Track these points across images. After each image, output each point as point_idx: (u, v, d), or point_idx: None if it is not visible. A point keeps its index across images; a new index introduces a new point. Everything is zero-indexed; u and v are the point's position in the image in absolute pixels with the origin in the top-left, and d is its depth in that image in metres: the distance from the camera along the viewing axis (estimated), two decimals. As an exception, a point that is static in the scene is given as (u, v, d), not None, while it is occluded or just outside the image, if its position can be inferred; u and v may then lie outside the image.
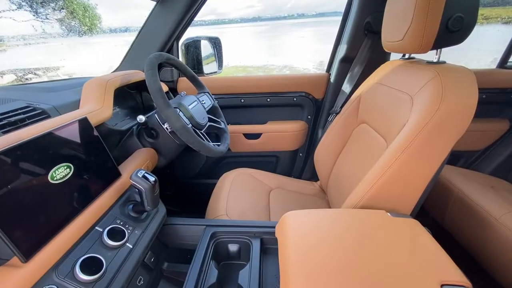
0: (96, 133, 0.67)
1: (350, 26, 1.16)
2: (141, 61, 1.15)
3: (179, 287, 0.61)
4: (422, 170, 0.64)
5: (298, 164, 1.43)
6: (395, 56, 0.91)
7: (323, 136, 1.06)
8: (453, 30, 0.62)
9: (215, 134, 1.11)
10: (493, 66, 1.38)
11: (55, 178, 0.53)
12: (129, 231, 0.62)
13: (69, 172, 0.56)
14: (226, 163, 1.43)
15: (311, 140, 1.39)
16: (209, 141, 0.91)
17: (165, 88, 1.20)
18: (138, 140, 0.90)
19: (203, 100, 1.03)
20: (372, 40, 1.14)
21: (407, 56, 0.85)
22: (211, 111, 1.08)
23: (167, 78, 1.27)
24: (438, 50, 0.69)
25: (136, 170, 0.63)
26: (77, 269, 0.49)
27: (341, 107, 1.03)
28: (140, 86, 1.13)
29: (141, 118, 0.82)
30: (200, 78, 1.11)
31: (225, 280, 0.71)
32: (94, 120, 0.70)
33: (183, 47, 1.25)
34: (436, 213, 1.15)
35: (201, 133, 0.91)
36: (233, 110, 1.33)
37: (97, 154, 0.65)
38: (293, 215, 0.61)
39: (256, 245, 0.71)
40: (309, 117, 1.34)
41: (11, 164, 0.47)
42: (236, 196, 0.99)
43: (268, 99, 1.30)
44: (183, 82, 1.28)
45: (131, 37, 1.21)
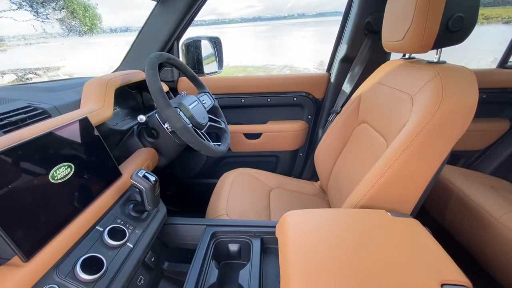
0: (97, 133, 0.67)
1: (351, 26, 1.16)
2: (142, 61, 1.16)
3: (180, 287, 0.61)
4: (423, 170, 0.64)
5: (299, 164, 1.44)
6: (395, 56, 0.91)
7: (323, 136, 1.06)
8: (454, 30, 0.62)
9: (216, 134, 1.11)
10: (494, 66, 1.38)
11: (56, 178, 0.53)
12: (130, 231, 0.62)
13: (70, 172, 0.56)
14: (227, 163, 1.44)
15: (311, 140, 1.39)
16: (210, 141, 0.91)
17: (166, 88, 1.20)
18: (139, 140, 0.90)
19: (204, 100, 1.03)
20: (373, 40, 1.14)
21: (408, 56, 0.85)
22: (212, 111, 1.08)
23: (168, 78, 1.27)
24: (439, 50, 0.69)
25: (137, 170, 0.63)
26: (78, 269, 0.49)
27: (342, 107, 1.03)
28: (141, 86, 1.13)
29: (142, 118, 0.82)
30: (201, 78, 1.11)
31: (226, 280, 0.71)
32: (95, 120, 0.70)
33: (184, 47, 1.25)
34: (437, 213, 1.15)
35: (202, 133, 0.91)
36: (234, 110, 1.33)
37: (98, 154, 0.65)
38: (293, 215, 0.61)
39: (257, 245, 0.71)
40: (310, 117, 1.34)
41: (12, 164, 0.47)
42: (237, 196, 0.99)
43: (269, 99, 1.30)
44: (184, 82, 1.28)
45: (132, 37, 1.21)
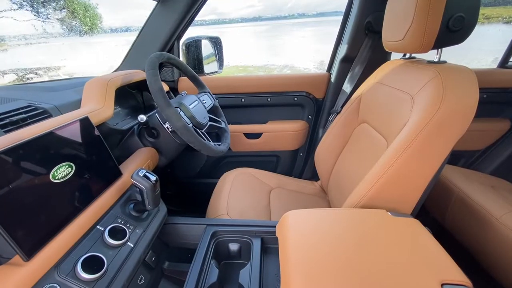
0: (97, 133, 0.67)
1: (351, 26, 1.16)
2: (142, 61, 1.16)
3: (180, 286, 0.61)
4: (423, 170, 0.64)
5: (299, 164, 1.44)
6: (396, 56, 0.91)
7: (324, 136, 1.06)
8: (454, 30, 0.62)
9: (216, 134, 1.11)
10: (494, 66, 1.38)
11: (57, 177, 0.53)
12: (130, 230, 0.62)
13: (71, 171, 0.56)
14: (227, 163, 1.44)
15: (312, 140, 1.39)
16: (210, 141, 0.91)
17: (166, 88, 1.21)
18: (139, 140, 0.90)
19: (204, 100, 1.03)
20: (373, 40, 1.14)
21: (408, 56, 0.85)
22: (212, 111, 1.08)
23: (168, 78, 1.27)
24: (439, 50, 0.69)
25: (137, 170, 0.63)
26: (79, 268, 0.49)
27: (342, 107, 1.03)
28: (141, 86, 1.14)
29: (142, 118, 0.82)
30: (201, 78, 1.11)
31: (226, 279, 0.71)
32: (95, 120, 0.70)
33: (184, 47, 1.26)
34: (437, 213, 1.15)
35: (202, 133, 0.91)
36: (234, 110, 1.33)
37: (98, 154, 0.65)
38: (294, 215, 0.61)
39: (257, 244, 0.71)
40: (310, 117, 1.34)
41: (13, 164, 0.47)
42: (237, 196, 0.99)
43: (269, 99, 1.30)
44: (184, 82, 1.28)
45: (132, 37, 1.21)
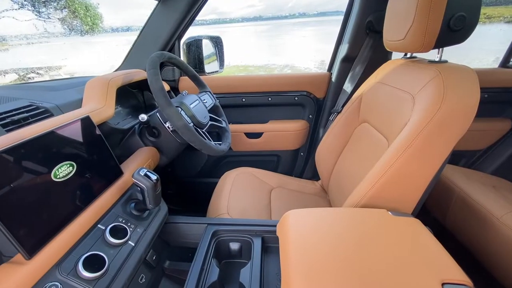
0: (99, 132, 0.67)
1: (352, 25, 1.16)
2: (143, 60, 1.16)
3: (181, 285, 0.61)
4: (424, 170, 0.64)
5: (299, 163, 1.44)
6: (397, 56, 0.91)
7: (324, 136, 1.06)
8: (455, 29, 0.62)
9: (217, 133, 1.11)
10: (495, 65, 1.38)
11: (58, 176, 0.53)
12: (131, 229, 0.63)
13: (72, 171, 0.56)
14: (227, 162, 1.44)
15: (312, 140, 1.39)
16: (211, 140, 0.91)
17: (167, 87, 1.21)
18: (140, 139, 0.90)
19: (205, 99, 1.03)
20: (374, 39, 1.14)
21: (409, 55, 0.85)
22: (213, 110, 1.08)
23: (169, 77, 1.27)
24: (440, 49, 0.69)
25: (138, 169, 0.63)
26: (80, 267, 0.49)
27: (343, 106, 1.03)
28: (142, 85, 1.14)
29: (143, 117, 0.82)
30: (202, 77, 1.11)
31: (227, 278, 0.71)
32: (97, 119, 0.71)
33: (185, 46, 1.26)
34: (438, 213, 1.15)
35: (203, 132, 0.91)
36: (235, 109, 1.33)
37: (100, 153, 0.65)
38: (294, 214, 0.61)
39: (257, 244, 0.71)
40: (310, 117, 1.34)
41: (15, 163, 0.47)
42: (238, 195, 0.99)
43: (269, 98, 1.30)
44: (185, 81, 1.28)
45: (133, 37, 1.21)
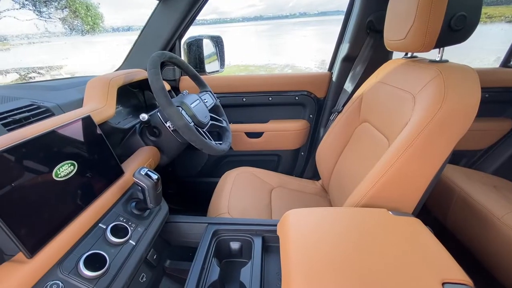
0: (100, 131, 0.67)
1: (352, 25, 1.16)
2: (144, 60, 1.16)
3: (181, 285, 0.62)
4: (424, 169, 0.64)
5: (300, 163, 1.44)
6: (398, 55, 0.91)
7: (325, 135, 1.06)
8: (456, 29, 0.62)
9: (217, 133, 1.12)
10: (496, 65, 1.38)
11: (60, 176, 0.53)
12: (132, 229, 0.63)
13: (73, 170, 0.56)
14: (228, 162, 1.44)
15: (313, 139, 1.39)
16: (211, 140, 0.91)
17: (168, 87, 1.21)
18: (141, 139, 0.90)
19: (205, 99, 1.03)
20: (374, 39, 1.13)
21: (410, 55, 0.85)
22: (213, 110, 1.08)
23: (169, 77, 1.27)
24: (441, 49, 0.68)
25: (139, 168, 0.63)
26: (81, 265, 0.50)
27: (343, 106, 1.03)
28: (143, 85, 1.14)
29: (144, 117, 0.83)
30: (202, 77, 1.11)
31: (227, 278, 0.71)
32: (98, 118, 0.71)
33: (185, 46, 1.26)
34: (438, 212, 1.15)
35: (203, 132, 0.91)
36: (235, 109, 1.33)
37: (101, 152, 0.65)
38: (295, 213, 0.62)
39: (258, 243, 0.71)
40: (311, 116, 1.34)
41: (16, 162, 0.47)
42: (238, 195, 0.99)
43: (270, 98, 1.30)
44: (185, 81, 1.28)
45: (134, 36, 1.22)
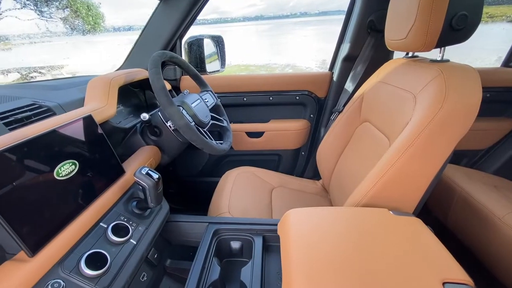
0: (101, 131, 0.67)
1: (353, 25, 1.16)
2: (145, 60, 1.16)
3: (182, 284, 0.62)
4: (425, 169, 0.64)
5: (301, 163, 1.44)
6: (398, 55, 0.91)
7: (326, 135, 1.06)
8: (457, 28, 0.62)
9: (218, 132, 1.12)
10: (498, 65, 1.37)
11: (61, 175, 0.53)
12: (133, 228, 0.63)
13: (74, 169, 0.56)
14: (229, 161, 1.44)
15: (314, 139, 1.39)
16: (212, 139, 0.91)
17: (168, 87, 1.21)
18: (142, 138, 0.90)
19: (206, 99, 1.03)
20: (375, 39, 1.13)
21: (410, 55, 0.85)
22: (214, 110, 1.08)
23: (170, 77, 1.27)
24: (442, 49, 0.68)
25: (140, 168, 0.63)
26: (82, 264, 0.50)
27: (344, 106, 1.03)
28: (144, 84, 1.14)
29: (145, 116, 0.83)
30: (203, 77, 1.11)
31: (228, 277, 0.71)
32: (99, 118, 0.71)
33: (186, 46, 1.26)
34: (439, 212, 1.14)
35: (204, 131, 0.91)
36: (236, 109, 1.33)
37: (102, 151, 0.66)
38: (295, 213, 0.62)
39: (258, 243, 0.71)
40: (312, 116, 1.34)
41: (18, 161, 0.48)
42: (239, 194, 0.99)
43: (271, 98, 1.30)
44: (186, 81, 1.28)
45: (135, 36, 1.22)
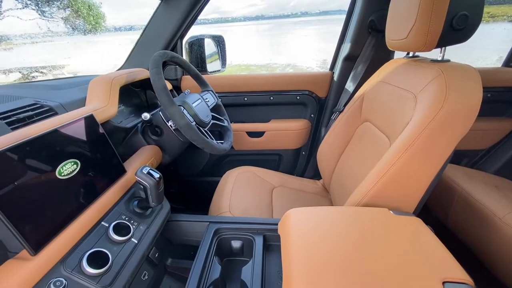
0: (102, 130, 0.68)
1: (354, 24, 1.16)
2: (146, 59, 1.17)
3: (183, 283, 0.62)
4: (425, 169, 0.64)
5: (301, 163, 1.44)
6: (399, 55, 0.91)
7: (326, 135, 1.06)
8: (458, 28, 0.62)
9: (219, 132, 1.12)
10: (499, 65, 1.37)
11: (63, 174, 0.54)
12: (134, 227, 0.63)
13: (76, 168, 0.57)
14: (229, 161, 1.44)
15: (314, 139, 1.39)
16: (213, 139, 0.92)
17: (169, 86, 1.21)
18: (143, 138, 0.91)
19: (207, 98, 1.03)
20: (376, 39, 1.13)
21: (411, 55, 0.85)
22: (215, 109, 1.09)
23: (171, 76, 1.28)
24: (443, 48, 0.68)
25: (141, 167, 0.64)
26: (84, 263, 0.50)
27: (344, 106, 1.03)
28: (145, 84, 1.14)
29: (146, 116, 0.83)
30: (204, 76, 1.11)
31: (228, 276, 0.71)
32: (100, 117, 0.71)
33: (187, 46, 1.26)
34: (440, 212, 1.14)
35: (205, 131, 0.91)
36: (237, 108, 1.33)
37: (103, 151, 0.66)
38: (296, 212, 0.62)
39: (259, 242, 0.71)
40: (312, 116, 1.34)
41: (20, 160, 0.48)
42: (239, 194, 1.00)
43: (271, 98, 1.30)
44: (187, 80, 1.28)
45: (136, 36, 1.22)
